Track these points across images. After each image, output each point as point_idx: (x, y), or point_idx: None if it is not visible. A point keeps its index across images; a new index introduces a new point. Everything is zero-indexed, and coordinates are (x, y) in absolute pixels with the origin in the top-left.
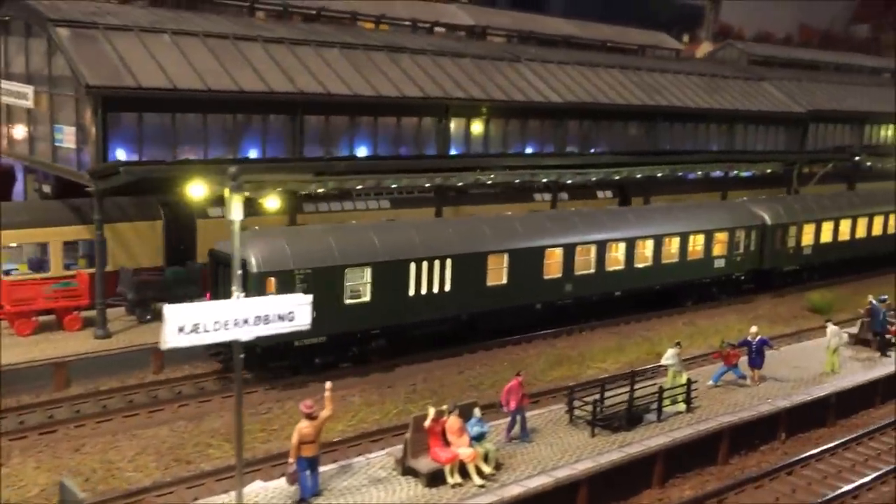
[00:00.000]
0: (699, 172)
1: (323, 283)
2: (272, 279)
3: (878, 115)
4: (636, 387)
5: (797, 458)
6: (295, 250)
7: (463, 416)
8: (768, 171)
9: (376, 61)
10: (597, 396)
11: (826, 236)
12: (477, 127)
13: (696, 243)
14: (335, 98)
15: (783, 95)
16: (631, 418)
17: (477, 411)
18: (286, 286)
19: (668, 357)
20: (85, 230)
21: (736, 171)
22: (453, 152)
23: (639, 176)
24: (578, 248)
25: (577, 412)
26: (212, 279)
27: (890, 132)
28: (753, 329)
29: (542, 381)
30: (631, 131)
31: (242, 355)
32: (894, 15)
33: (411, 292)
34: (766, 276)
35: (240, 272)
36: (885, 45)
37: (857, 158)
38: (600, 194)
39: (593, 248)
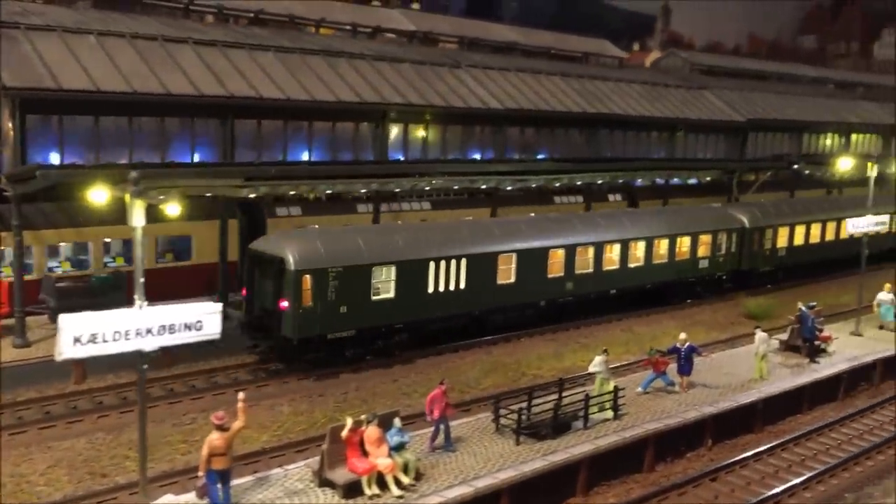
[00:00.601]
0: (640, 180)
1: (353, 281)
2: (308, 277)
3: (817, 125)
4: (564, 394)
5: (721, 464)
6: (328, 250)
7: (383, 425)
8: (708, 178)
9: (312, 65)
10: (523, 405)
11: (799, 239)
12: (416, 133)
13: (683, 245)
14: (267, 102)
15: (724, 104)
16: (557, 426)
17: (397, 421)
18: (320, 283)
19: (596, 364)
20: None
21: (676, 178)
22: (395, 158)
23: (579, 183)
24: (578, 249)
25: (502, 420)
26: (247, 277)
27: (829, 141)
28: (682, 336)
29: (476, 389)
30: (572, 138)
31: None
32: (840, 27)
33: (430, 289)
34: (744, 276)
35: (142, 280)
36: (831, 55)
37: (795, 167)
38: (611, 198)
39: (591, 249)
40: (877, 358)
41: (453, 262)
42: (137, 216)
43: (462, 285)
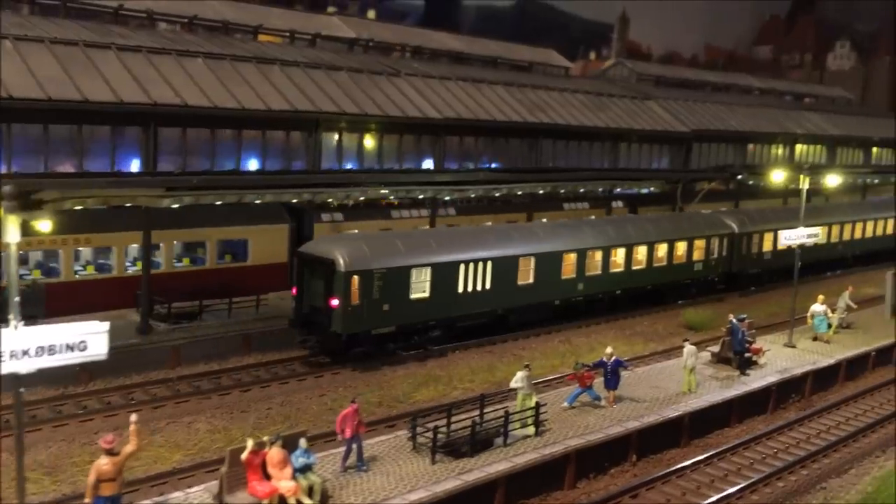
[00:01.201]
0: (582, 189)
1: (394, 281)
2: (356, 277)
3: (761, 135)
4: (488, 410)
5: (643, 480)
6: (373, 253)
7: (288, 446)
8: (651, 188)
9: (243, 73)
10: (440, 421)
11: (781, 243)
12: (350, 142)
13: (680, 249)
14: (193, 110)
15: (668, 114)
16: (476, 443)
17: (303, 441)
18: (367, 283)
19: (517, 380)
20: None
21: (619, 188)
22: (329, 167)
23: (519, 192)
24: (588, 253)
25: (419, 439)
26: (297, 278)
27: (774, 152)
28: (609, 350)
29: (406, 404)
30: (514, 148)
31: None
32: (794, 38)
33: (460, 289)
34: (734, 278)
35: (17, 299)
36: (785, 66)
37: (739, 177)
38: (614, 204)
39: (600, 253)
40: (807, 370)
41: (480, 264)
42: (11, 232)
43: (488, 286)
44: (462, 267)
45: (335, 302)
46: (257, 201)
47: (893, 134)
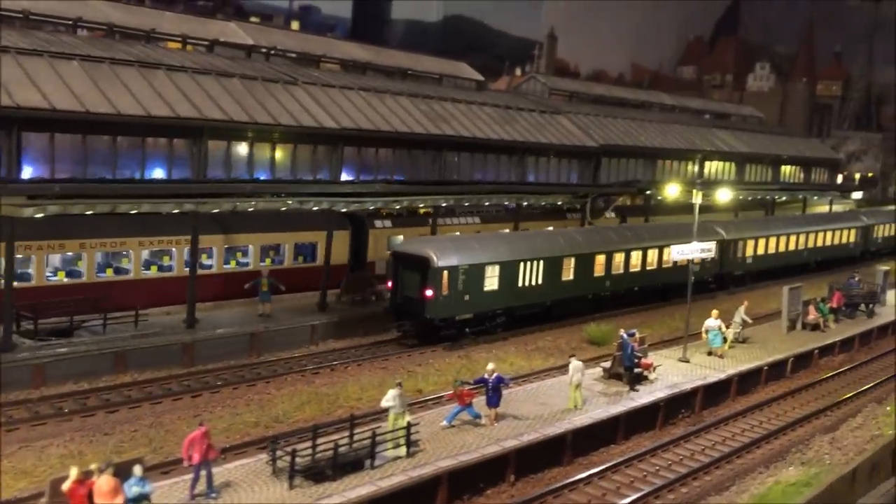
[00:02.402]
0: (486, 203)
1: (473, 276)
2: (446, 272)
3: (670, 152)
4: (361, 431)
5: (519, 500)
6: (457, 251)
7: (120, 474)
8: (559, 202)
9: (123, 77)
10: (302, 444)
11: (761, 249)
12: (240, 151)
13: None
14: (61, 115)
15: (577, 129)
16: (339, 466)
17: (138, 469)
18: (454, 277)
19: (389, 399)
20: None
21: (526, 202)
22: (215, 177)
23: (421, 205)
24: (614, 255)
25: (280, 462)
26: (392, 273)
27: (685, 167)
28: (490, 366)
29: (285, 423)
30: (416, 160)
31: None
32: (715, 59)
33: (520, 284)
34: (722, 279)
35: None
36: (707, 86)
37: (648, 193)
38: (608, 214)
39: (622, 255)
40: (697, 385)
41: (535, 262)
42: None
43: (540, 281)
44: (522, 264)
45: (429, 292)
46: (133, 211)
47: (804, 152)
